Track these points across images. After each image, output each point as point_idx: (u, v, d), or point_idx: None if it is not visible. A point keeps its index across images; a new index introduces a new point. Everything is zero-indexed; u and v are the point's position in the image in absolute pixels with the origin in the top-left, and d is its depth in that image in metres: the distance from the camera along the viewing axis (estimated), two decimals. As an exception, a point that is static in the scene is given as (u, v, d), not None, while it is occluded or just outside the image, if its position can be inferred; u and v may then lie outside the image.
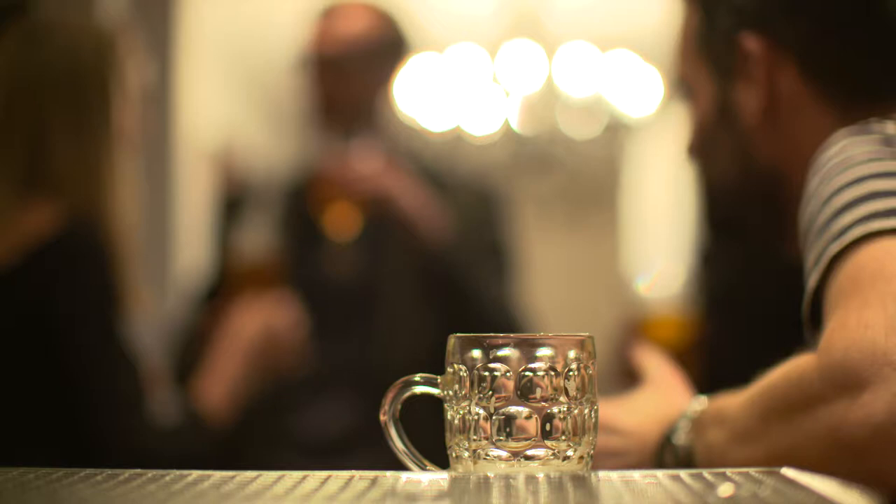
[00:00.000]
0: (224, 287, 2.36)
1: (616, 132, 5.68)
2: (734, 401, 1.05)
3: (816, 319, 0.98)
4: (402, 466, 0.93)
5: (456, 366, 0.91)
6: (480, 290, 2.44)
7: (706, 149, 1.33)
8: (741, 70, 1.25)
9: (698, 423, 1.10)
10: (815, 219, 1.03)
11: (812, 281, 1.00)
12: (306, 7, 2.80)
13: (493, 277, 2.51)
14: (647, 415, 1.20)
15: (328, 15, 2.54)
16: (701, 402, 1.13)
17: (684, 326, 2.35)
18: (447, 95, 5.14)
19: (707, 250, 2.38)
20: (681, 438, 1.12)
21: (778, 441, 0.95)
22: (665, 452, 1.14)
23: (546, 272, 5.43)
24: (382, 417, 0.93)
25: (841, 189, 1.01)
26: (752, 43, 1.24)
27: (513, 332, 2.27)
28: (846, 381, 0.87)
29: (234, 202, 2.70)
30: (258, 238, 2.38)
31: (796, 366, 0.94)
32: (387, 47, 2.54)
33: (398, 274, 2.46)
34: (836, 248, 0.97)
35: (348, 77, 2.49)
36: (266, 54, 5.92)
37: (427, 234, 2.36)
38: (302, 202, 2.54)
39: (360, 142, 2.42)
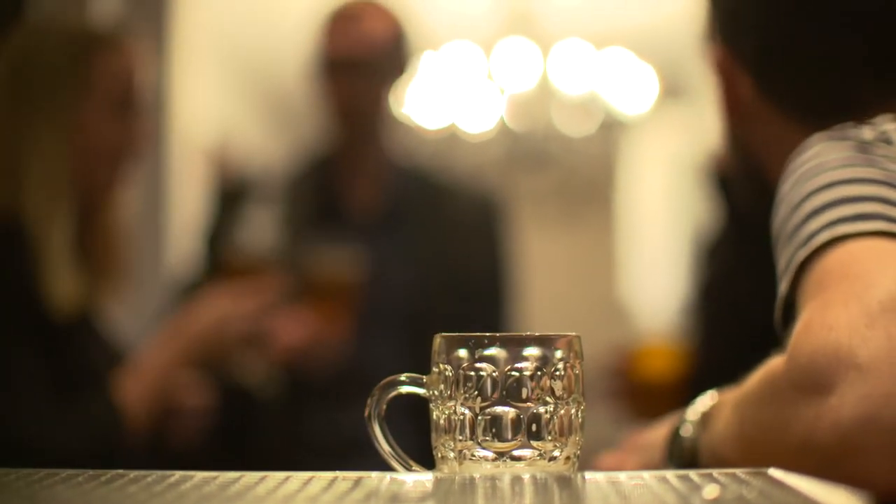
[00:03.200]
0: (213, 282, 2.28)
1: (611, 130, 5.68)
2: (730, 398, 1.05)
3: (789, 325, 0.97)
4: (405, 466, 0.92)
5: (441, 365, 0.91)
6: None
7: None
8: (711, 74, 1.30)
9: (706, 418, 1.10)
10: (786, 224, 1.02)
11: (782, 287, 0.99)
12: (304, 1, 2.79)
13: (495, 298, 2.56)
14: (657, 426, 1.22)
15: (342, 17, 2.51)
16: (712, 397, 1.13)
17: (677, 357, 2.33)
18: (442, 93, 5.13)
19: (711, 244, 2.36)
20: (688, 431, 1.12)
21: (756, 446, 0.94)
22: (673, 447, 1.14)
23: (541, 269, 5.42)
24: (367, 417, 0.92)
25: (811, 194, 1.01)
26: (713, 51, 1.28)
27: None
28: (813, 386, 0.86)
29: (231, 197, 2.66)
30: (260, 233, 2.35)
31: (768, 370, 0.94)
32: (402, 48, 2.53)
33: (411, 281, 2.46)
34: (803, 253, 0.97)
35: (368, 80, 2.47)
36: (262, 49, 5.92)
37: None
38: (321, 181, 2.53)
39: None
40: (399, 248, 2.49)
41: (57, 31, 1.95)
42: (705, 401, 1.13)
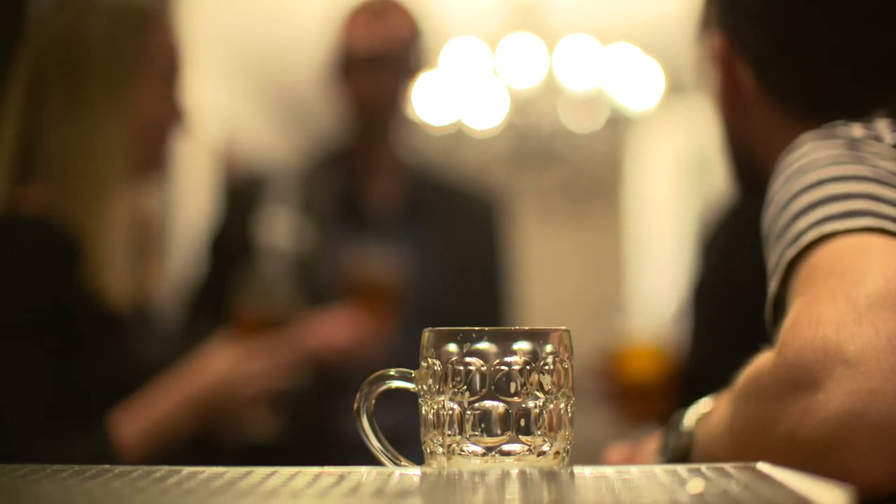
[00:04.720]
0: (226, 332, 2.12)
1: (617, 126, 5.67)
2: (723, 398, 1.05)
3: (779, 323, 0.97)
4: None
5: (430, 360, 0.90)
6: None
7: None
8: (709, 63, 1.28)
9: (700, 421, 1.10)
10: (775, 222, 1.02)
11: (772, 286, 0.99)
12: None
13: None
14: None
15: (363, 13, 2.49)
16: (706, 405, 1.13)
17: (664, 358, 2.32)
18: (448, 90, 5.13)
19: (710, 237, 2.34)
20: (684, 434, 1.11)
21: (745, 442, 0.94)
22: (669, 437, 1.13)
23: (547, 266, 5.42)
24: (356, 412, 0.92)
25: (800, 193, 1.00)
26: (715, 40, 1.26)
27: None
28: (801, 381, 0.86)
29: (240, 195, 2.62)
30: (282, 233, 2.31)
31: (757, 366, 0.94)
32: (421, 45, 2.53)
33: (439, 277, 2.45)
34: (792, 252, 0.96)
35: (388, 76, 2.46)
36: (269, 45, 5.91)
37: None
38: (338, 179, 2.50)
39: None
40: (420, 246, 2.48)
41: (101, 10, 1.81)
42: (699, 408, 1.13)
